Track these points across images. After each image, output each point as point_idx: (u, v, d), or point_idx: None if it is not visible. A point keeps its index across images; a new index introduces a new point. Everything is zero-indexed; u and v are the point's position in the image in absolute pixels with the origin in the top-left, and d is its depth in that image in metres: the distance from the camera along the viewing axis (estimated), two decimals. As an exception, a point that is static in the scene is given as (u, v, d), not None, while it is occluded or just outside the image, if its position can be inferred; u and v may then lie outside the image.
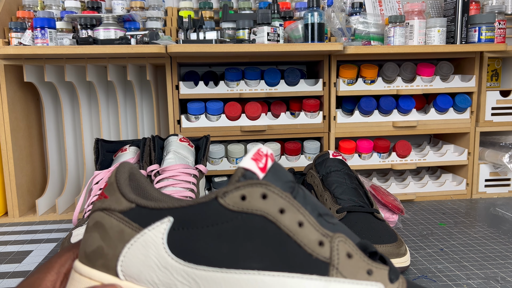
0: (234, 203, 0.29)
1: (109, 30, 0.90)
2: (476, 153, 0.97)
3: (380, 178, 1.05)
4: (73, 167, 0.95)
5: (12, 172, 0.86)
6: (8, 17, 0.94)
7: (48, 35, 0.87)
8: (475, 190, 0.98)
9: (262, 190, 0.29)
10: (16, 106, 0.88)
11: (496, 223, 0.80)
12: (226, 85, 0.91)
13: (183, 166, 0.69)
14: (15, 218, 0.87)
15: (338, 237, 0.30)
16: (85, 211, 0.68)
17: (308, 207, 0.30)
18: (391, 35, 0.92)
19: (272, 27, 0.88)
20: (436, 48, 0.89)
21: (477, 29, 0.92)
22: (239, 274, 0.28)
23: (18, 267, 0.64)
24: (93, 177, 0.71)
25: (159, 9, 1.02)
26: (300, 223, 0.29)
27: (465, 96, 0.95)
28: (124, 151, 0.75)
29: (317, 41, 0.88)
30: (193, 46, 0.79)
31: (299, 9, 1.04)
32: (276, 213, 0.29)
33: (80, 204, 0.70)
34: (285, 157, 0.94)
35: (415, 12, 0.93)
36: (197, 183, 0.70)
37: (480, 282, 0.56)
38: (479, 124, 0.97)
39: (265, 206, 0.29)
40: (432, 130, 0.96)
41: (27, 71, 0.85)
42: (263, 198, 0.29)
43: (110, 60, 0.86)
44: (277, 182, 0.30)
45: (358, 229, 0.61)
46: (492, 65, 1.13)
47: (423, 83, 0.94)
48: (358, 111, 0.94)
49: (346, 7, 1.03)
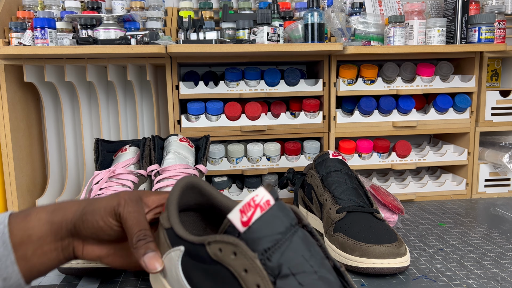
0: (214, 254, 0.35)
1: (109, 30, 0.90)
2: (476, 153, 0.97)
3: (380, 178, 1.05)
4: (73, 167, 0.95)
5: (12, 172, 0.86)
6: (8, 17, 0.94)
7: (48, 35, 0.87)
8: (475, 190, 0.98)
9: (233, 249, 0.34)
10: (16, 106, 0.88)
11: (496, 223, 0.80)
12: (226, 85, 0.91)
13: (183, 166, 0.69)
14: (15, 218, 0.87)
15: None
16: None
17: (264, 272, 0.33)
18: (391, 35, 0.92)
19: (272, 27, 0.88)
20: (436, 48, 0.89)
21: (477, 29, 0.92)
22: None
23: (18, 267, 0.64)
24: (93, 177, 0.71)
25: (159, 9, 1.02)
26: (258, 285, 0.33)
27: (465, 96, 0.95)
28: (124, 151, 0.75)
29: (317, 41, 0.88)
30: (193, 46, 0.79)
31: (299, 9, 1.04)
32: (241, 271, 0.34)
33: None
34: (285, 157, 0.94)
35: (415, 12, 0.93)
36: None
37: (480, 282, 0.56)
38: (479, 124, 0.97)
39: (234, 263, 0.34)
40: (432, 130, 0.96)
41: (27, 71, 0.85)
42: (234, 255, 0.34)
43: (110, 60, 0.86)
44: (260, 234, 0.34)
45: (358, 229, 0.61)
46: (492, 65, 1.13)
47: (423, 83, 0.94)
48: (358, 111, 0.94)
49: (346, 7, 1.03)
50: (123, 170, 0.71)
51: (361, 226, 0.62)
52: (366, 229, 0.61)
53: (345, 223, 0.63)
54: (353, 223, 0.63)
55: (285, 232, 0.35)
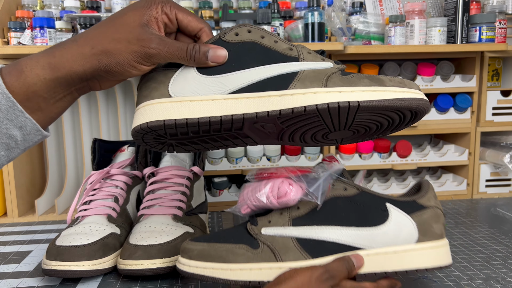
0: (232, 38, 0.46)
1: (108, 29, 0.90)
2: (477, 153, 0.97)
3: (381, 178, 1.05)
4: (72, 167, 0.95)
5: (11, 172, 0.85)
6: (7, 16, 0.94)
7: (48, 34, 0.87)
8: (475, 190, 0.98)
9: (247, 28, 0.46)
10: (16, 106, 0.87)
11: (497, 223, 0.80)
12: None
13: (175, 169, 0.69)
14: (14, 218, 0.87)
15: (300, 45, 0.47)
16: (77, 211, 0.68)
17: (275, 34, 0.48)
18: (392, 35, 0.92)
19: (272, 27, 0.88)
20: (436, 48, 0.88)
21: (478, 28, 0.92)
22: (246, 71, 0.44)
23: (18, 267, 0.64)
24: (88, 178, 0.71)
25: (159, 9, 1.02)
26: (275, 41, 0.46)
27: (465, 96, 0.95)
28: (122, 152, 0.75)
29: (317, 40, 0.88)
30: (193, 46, 0.79)
31: (299, 8, 1.03)
32: (259, 38, 0.46)
33: (74, 204, 0.70)
34: (285, 157, 0.94)
35: (415, 11, 0.93)
36: (191, 185, 0.69)
37: (481, 282, 0.56)
38: (480, 124, 0.97)
39: (251, 36, 0.46)
40: (432, 130, 0.96)
41: (27, 71, 0.85)
42: (249, 32, 0.46)
43: (109, 60, 0.86)
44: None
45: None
46: (493, 64, 1.13)
47: (423, 82, 0.94)
48: (359, 111, 0.94)
49: (346, 6, 1.03)
50: (117, 171, 0.71)
51: None
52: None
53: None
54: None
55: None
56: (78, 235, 0.60)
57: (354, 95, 0.42)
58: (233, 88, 0.44)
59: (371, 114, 0.45)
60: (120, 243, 0.63)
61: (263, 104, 0.43)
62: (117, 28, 0.41)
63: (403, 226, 0.49)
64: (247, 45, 0.45)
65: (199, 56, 0.43)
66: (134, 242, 0.58)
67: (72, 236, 0.60)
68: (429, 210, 0.51)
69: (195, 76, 0.44)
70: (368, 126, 0.48)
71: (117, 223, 0.66)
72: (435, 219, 0.51)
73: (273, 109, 0.43)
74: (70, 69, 0.40)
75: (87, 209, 0.67)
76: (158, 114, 0.43)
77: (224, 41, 0.45)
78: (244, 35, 0.46)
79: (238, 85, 0.44)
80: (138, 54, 0.41)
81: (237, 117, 0.43)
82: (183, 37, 0.47)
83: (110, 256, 0.60)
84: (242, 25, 0.47)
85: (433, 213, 0.51)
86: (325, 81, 0.44)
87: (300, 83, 0.43)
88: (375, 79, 0.44)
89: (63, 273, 0.57)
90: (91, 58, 0.40)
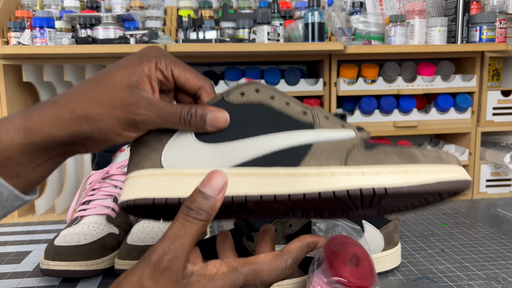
0: (236, 99, 0.39)
1: (108, 29, 0.90)
2: (477, 153, 0.97)
3: (381, 178, 1.04)
4: (72, 167, 0.95)
5: (11, 172, 0.85)
6: (7, 16, 0.94)
7: (47, 34, 0.87)
8: (476, 191, 0.98)
9: (255, 86, 0.40)
10: (15, 106, 0.87)
11: (497, 223, 0.79)
12: (226, 85, 0.91)
13: None
14: (14, 218, 0.86)
15: (316, 108, 0.40)
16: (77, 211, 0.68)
17: (286, 95, 0.42)
18: (392, 35, 0.92)
19: (272, 27, 0.88)
20: (437, 48, 0.88)
21: (478, 28, 0.92)
22: (251, 139, 0.38)
23: (17, 267, 0.64)
24: (87, 177, 0.71)
25: (159, 9, 1.02)
26: (287, 103, 0.40)
27: (466, 96, 0.94)
28: (122, 152, 0.75)
29: (318, 40, 0.88)
30: (192, 46, 0.79)
31: (299, 8, 1.03)
32: (268, 99, 0.40)
33: (74, 204, 0.70)
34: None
35: (415, 11, 0.93)
36: None
37: (482, 283, 0.56)
38: (480, 124, 0.96)
39: (260, 96, 0.40)
40: (433, 130, 0.96)
41: (26, 71, 0.85)
42: (256, 92, 0.40)
43: (109, 60, 0.86)
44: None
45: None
46: (493, 64, 1.13)
47: (424, 82, 0.94)
48: (359, 111, 0.94)
49: (346, 6, 1.03)
50: (117, 171, 0.70)
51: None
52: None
53: None
54: None
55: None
56: (77, 235, 0.60)
57: (380, 180, 0.35)
58: (235, 161, 0.38)
59: (401, 199, 0.39)
60: (118, 243, 0.63)
61: (269, 184, 0.37)
62: (101, 90, 0.36)
63: (374, 239, 0.56)
64: (253, 108, 0.39)
65: (195, 121, 0.37)
66: (131, 242, 0.58)
67: (70, 236, 0.60)
68: (392, 222, 0.58)
69: (192, 143, 0.38)
70: (397, 207, 0.42)
71: (116, 223, 0.66)
72: (395, 230, 0.59)
73: (282, 192, 0.36)
74: (46, 134, 0.35)
75: (86, 209, 0.67)
76: (147, 190, 0.37)
77: (228, 102, 0.39)
78: (251, 95, 0.40)
79: (241, 158, 0.38)
80: (122, 121, 0.36)
81: (239, 199, 0.37)
82: (182, 95, 0.42)
83: (109, 256, 0.60)
84: (249, 83, 0.40)
85: (394, 225, 0.58)
86: (344, 158, 0.37)
87: (314, 160, 0.37)
88: (405, 155, 0.37)
89: (61, 273, 0.57)
90: (70, 123, 0.35)
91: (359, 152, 0.37)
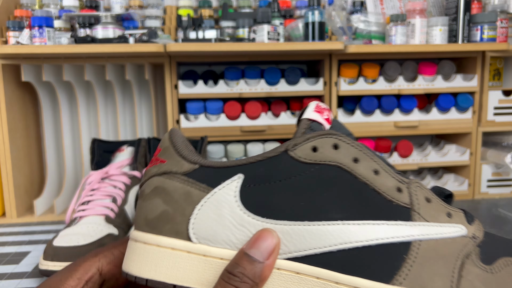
0: (306, 155, 0.29)
1: (107, 29, 0.89)
2: (478, 153, 0.96)
3: (381, 178, 1.04)
4: (71, 168, 0.94)
5: (10, 172, 0.85)
6: (6, 16, 0.94)
7: (46, 34, 0.86)
8: (477, 191, 0.98)
9: (334, 141, 0.29)
10: (14, 106, 0.87)
11: (498, 223, 0.79)
12: (226, 85, 0.90)
13: None
14: (12, 218, 0.86)
15: (414, 182, 0.30)
16: (76, 211, 0.68)
17: (376, 157, 0.30)
18: (393, 34, 0.91)
19: (272, 26, 0.87)
20: (438, 47, 0.88)
21: (479, 28, 0.91)
22: (322, 226, 0.27)
23: (16, 268, 0.63)
24: (86, 177, 0.71)
25: (158, 8, 1.01)
26: (376, 171, 0.29)
27: (467, 95, 0.94)
28: (121, 152, 0.74)
29: (318, 40, 0.87)
30: (192, 45, 0.79)
31: (300, 7, 1.03)
32: (350, 162, 0.29)
33: (73, 204, 0.69)
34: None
35: (416, 10, 0.92)
36: None
37: (483, 284, 0.55)
38: (481, 124, 0.96)
39: (338, 156, 0.29)
40: (434, 130, 0.95)
41: (25, 71, 0.84)
42: (335, 148, 0.29)
43: (108, 59, 0.86)
44: (338, 131, 0.31)
45: None
46: (494, 64, 1.12)
47: (424, 82, 0.93)
48: (359, 111, 0.93)
49: (347, 5, 1.02)
50: (116, 171, 0.70)
51: None
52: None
53: None
54: None
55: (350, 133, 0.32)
56: (75, 236, 0.59)
57: None
58: (296, 253, 0.28)
59: None
60: (118, 244, 0.63)
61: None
62: None
63: None
64: (327, 172, 0.28)
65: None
66: None
67: (69, 237, 0.59)
68: None
69: (236, 211, 0.28)
70: None
71: (115, 223, 0.66)
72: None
73: None
74: None
75: (85, 210, 0.66)
76: (166, 271, 0.27)
77: (293, 158, 0.29)
78: (327, 152, 0.29)
79: (304, 250, 0.27)
80: None
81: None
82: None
83: (108, 257, 0.60)
84: (326, 133, 0.29)
85: None
86: (457, 275, 0.26)
87: (413, 275, 0.26)
88: None
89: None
90: None
91: (476, 269, 0.27)
